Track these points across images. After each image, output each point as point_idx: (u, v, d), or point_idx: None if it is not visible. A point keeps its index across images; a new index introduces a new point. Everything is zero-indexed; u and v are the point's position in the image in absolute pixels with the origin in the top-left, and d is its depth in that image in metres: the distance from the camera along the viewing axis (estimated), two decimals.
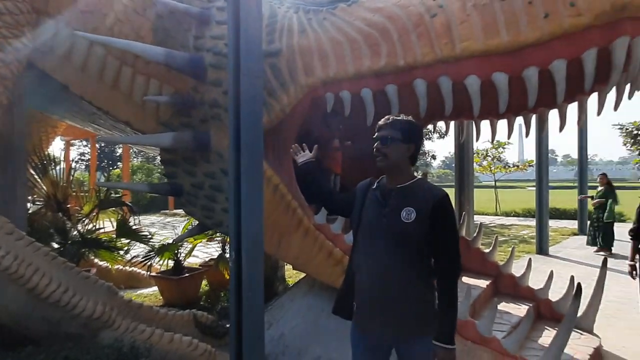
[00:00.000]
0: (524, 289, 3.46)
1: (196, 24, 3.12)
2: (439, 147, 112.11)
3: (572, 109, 3.06)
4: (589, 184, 11.40)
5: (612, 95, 2.65)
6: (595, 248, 8.62)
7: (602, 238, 8.48)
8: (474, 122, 3.70)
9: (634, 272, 3.31)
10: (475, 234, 3.89)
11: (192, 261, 6.77)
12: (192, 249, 5.87)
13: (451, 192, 7.05)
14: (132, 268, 6.25)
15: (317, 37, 2.75)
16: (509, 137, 3.50)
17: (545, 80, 2.35)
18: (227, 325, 3.74)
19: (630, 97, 2.57)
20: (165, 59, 2.94)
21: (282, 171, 3.00)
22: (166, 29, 3.25)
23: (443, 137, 15.68)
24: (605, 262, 3.03)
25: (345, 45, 2.67)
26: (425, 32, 2.48)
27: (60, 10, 3.16)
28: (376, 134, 1.82)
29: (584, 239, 9.45)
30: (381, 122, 1.85)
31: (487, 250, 3.80)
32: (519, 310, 3.19)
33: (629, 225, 3.50)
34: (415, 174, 1.90)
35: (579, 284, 2.49)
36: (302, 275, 4.37)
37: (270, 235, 2.93)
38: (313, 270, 3.02)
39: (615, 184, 9.02)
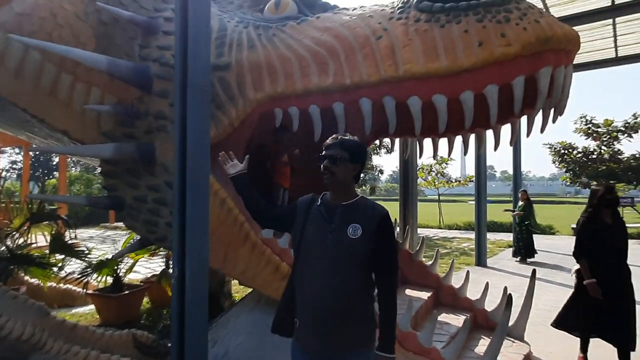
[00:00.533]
0: (462, 300, 3.63)
1: (142, 32, 3.05)
2: (387, 161, 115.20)
3: (507, 128, 3.31)
4: (533, 199, 12.16)
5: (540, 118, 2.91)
6: (518, 258, 9.52)
7: (524, 249, 9.33)
8: (417, 140, 3.87)
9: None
10: (417, 248, 4.04)
11: (134, 277, 6.47)
12: (133, 265, 5.61)
13: (396, 206, 7.30)
14: (67, 285, 5.86)
15: (267, 53, 2.78)
16: (449, 155, 3.70)
17: (481, 102, 2.53)
18: (169, 345, 3.60)
19: (554, 121, 2.81)
20: (108, 68, 2.84)
21: (229, 185, 2.96)
22: (110, 37, 3.15)
23: (390, 153, 16.15)
24: (534, 273, 3.26)
25: (294, 62, 2.72)
26: (370, 53, 2.58)
27: None
28: (324, 152, 1.85)
29: None
30: (329, 141, 1.88)
31: (429, 263, 3.95)
32: (458, 320, 3.33)
33: (558, 237, 3.78)
34: (363, 187, 1.97)
35: (509, 295, 2.65)
36: (249, 290, 4.32)
37: (216, 250, 2.88)
38: (260, 285, 3.00)
39: (546, 199, 9.90)
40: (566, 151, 16.51)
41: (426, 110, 2.59)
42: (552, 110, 2.73)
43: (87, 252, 4.85)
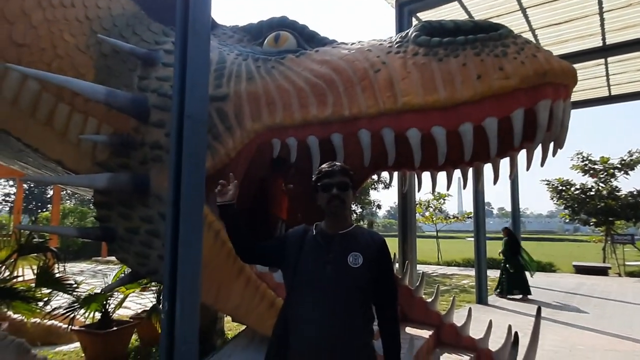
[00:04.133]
0: (465, 339, 3.48)
1: (142, 64, 3.07)
2: (384, 197, 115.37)
3: (505, 164, 3.29)
4: (522, 235, 12.09)
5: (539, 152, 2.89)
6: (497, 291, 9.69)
7: (515, 285, 9.34)
8: (415, 174, 3.84)
9: None
10: (417, 284, 3.92)
11: (123, 313, 6.26)
12: (123, 300, 5.43)
13: (395, 241, 7.19)
14: (52, 322, 5.64)
15: (265, 84, 2.79)
16: (447, 189, 3.65)
17: (480, 135, 2.51)
18: None
19: (554, 154, 2.79)
20: (106, 98, 2.83)
21: None
22: (109, 68, 3.16)
23: (388, 188, 16.17)
24: (539, 310, 3.14)
25: (293, 93, 2.72)
26: (369, 85, 2.59)
27: None
28: (327, 180, 1.80)
29: None
30: (328, 168, 1.85)
31: (429, 300, 3.83)
32: None
33: (559, 275, 3.68)
34: (361, 222, 1.93)
35: (516, 334, 2.54)
36: (242, 327, 4.15)
37: (208, 285, 2.77)
38: (254, 321, 2.87)
39: (544, 236, 9.91)
40: (564, 188, 16.56)
41: (425, 143, 2.57)
42: (551, 144, 2.71)
43: (75, 285, 4.69)
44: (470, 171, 3.39)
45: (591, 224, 16.79)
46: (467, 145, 2.45)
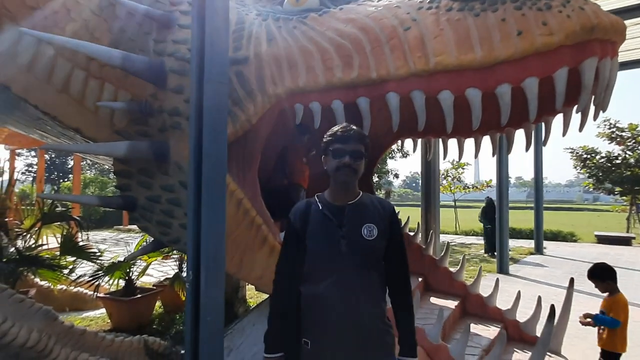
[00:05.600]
0: (492, 310, 3.41)
1: (157, 27, 2.94)
2: (402, 166, 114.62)
3: (521, 134, 3.12)
4: (545, 205, 11.86)
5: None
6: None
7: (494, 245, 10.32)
8: (441, 140, 3.69)
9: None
10: (442, 253, 3.84)
11: (146, 280, 6.37)
12: (145, 268, 5.51)
13: (416, 211, 7.07)
14: (78, 288, 5.77)
15: (287, 46, 2.64)
16: (475, 157, 3.50)
17: (516, 98, 2.34)
18: (182, 352, 3.46)
19: (595, 118, 2.61)
20: (122, 63, 2.73)
21: (246, 185, 2.83)
22: (124, 31, 3.04)
23: (406, 157, 15.91)
24: (572, 282, 3.04)
25: (316, 55, 2.56)
26: (398, 44, 2.41)
27: (4, 4, 2.89)
28: (340, 145, 1.64)
29: (540, 258, 9.75)
30: (342, 132, 1.67)
31: (453, 270, 3.75)
32: (488, 332, 3.12)
33: (581, 245, 3.52)
34: (378, 191, 1.82)
35: (552, 306, 2.45)
36: (265, 296, 4.16)
37: (231, 254, 2.73)
38: None
39: (563, 206, 9.86)
40: (589, 156, 16.06)
41: (456, 107, 2.42)
42: (592, 107, 2.53)
43: (99, 254, 4.75)
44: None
45: (616, 192, 16.35)
46: (505, 109, 2.29)
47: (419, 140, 4.15)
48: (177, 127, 2.76)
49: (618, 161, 15.60)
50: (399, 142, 4.35)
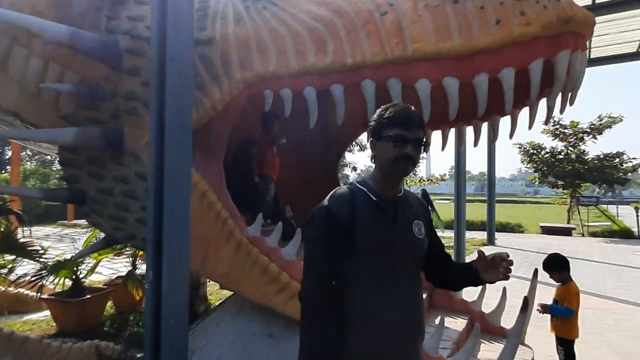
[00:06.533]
0: (458, 302, 3.43)
1: (110, 2, 2.68)
2: (359, 159, 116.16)
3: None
4: (497, 198, 12.34)
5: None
6: None
7: None
8: None
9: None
10: None
11: (95, 279, 5.97)
12: (95, 266, 5.14)
13: None
14: (19, 289, 5.29)
15: (256, 28, 2.46)
16: (442, 149, 3.49)
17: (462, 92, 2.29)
18: (139, 356, 3.22)
19: (561, 111, 2.62)
20: (70, 40, 2.45)
21: (211, 176, 2.64)
22: (72, 6, 2.74)
23: (363, 150, 16.00)
24: (536, 272, 3.10)
25: (288, 39, 2.41)
26: (374, 30, 2.31)
27: None
28: (401, 132, 1.35)
29: (493, 249, 10.09)
30: (406, 114, 1.39)
31: None
32: (455, 324, 3.13)
33: (528, 236, 3.60)
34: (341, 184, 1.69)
35: (525, 298, 2.46)
36: (228, 293, 3.98)
37: (195, 250, 2.53)
38: (245, 288, 2.67)
39: (508, 199, 10.20)
40: (535, 151, 16.89)
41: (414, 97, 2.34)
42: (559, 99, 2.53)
43: (42, 251, 4.35)
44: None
45: (559, 186, 17.34)
46: (482, 99, 2.25)
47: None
48: (133, 112, 2.52)
49: (561, 156, 16.53)
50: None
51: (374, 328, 1.33)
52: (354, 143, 16.15)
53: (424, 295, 3.40)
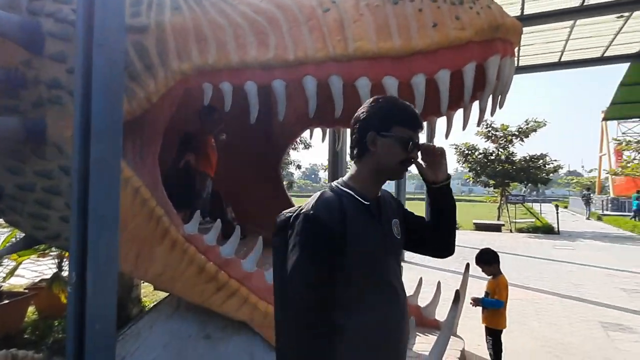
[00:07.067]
0: None
1: None
2: (302, 157, 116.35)
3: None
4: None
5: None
6: None
7: None
8: (349, 130, 3.69)
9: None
10: None
11: (16, 282, 5.49)
12: (14, 268, 4.72)
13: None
14: None
15: (195, 17, 2.37)
16: None
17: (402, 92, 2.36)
18: None
19: (492, 113, 2.76)
20: None
21: (144, 171, 2.51)
22: None
23: (308, 148, 16.07)
24: (467, 267, 3.25)
25: (228, 30, 2.34)
26: (317, 26, 2.30)
27: None
28: (411, 132, 1.28)
29: None
30: (414, 113, 1.31)
31: None
32: None
33: (462, 232, 3.82)
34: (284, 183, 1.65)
35: (457, 292, 2.57)
36: (162, 294, 3.81)
37: (126, 250, 2.40)
38: (180, 289, 2.56)
39: None
40: (469, 152, 17.84)
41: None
42: (489, 102, 2.67)
43: None
44: None
45: (490, 185, 18.46)
46: (419, 99, 2.30)
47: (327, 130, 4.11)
48: (56, 101, 2.33)
49: (492, 157, 17.59)
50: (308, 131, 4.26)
51: (368, 337, 1.21)
52: (298, 140, 16.24)
53: None
